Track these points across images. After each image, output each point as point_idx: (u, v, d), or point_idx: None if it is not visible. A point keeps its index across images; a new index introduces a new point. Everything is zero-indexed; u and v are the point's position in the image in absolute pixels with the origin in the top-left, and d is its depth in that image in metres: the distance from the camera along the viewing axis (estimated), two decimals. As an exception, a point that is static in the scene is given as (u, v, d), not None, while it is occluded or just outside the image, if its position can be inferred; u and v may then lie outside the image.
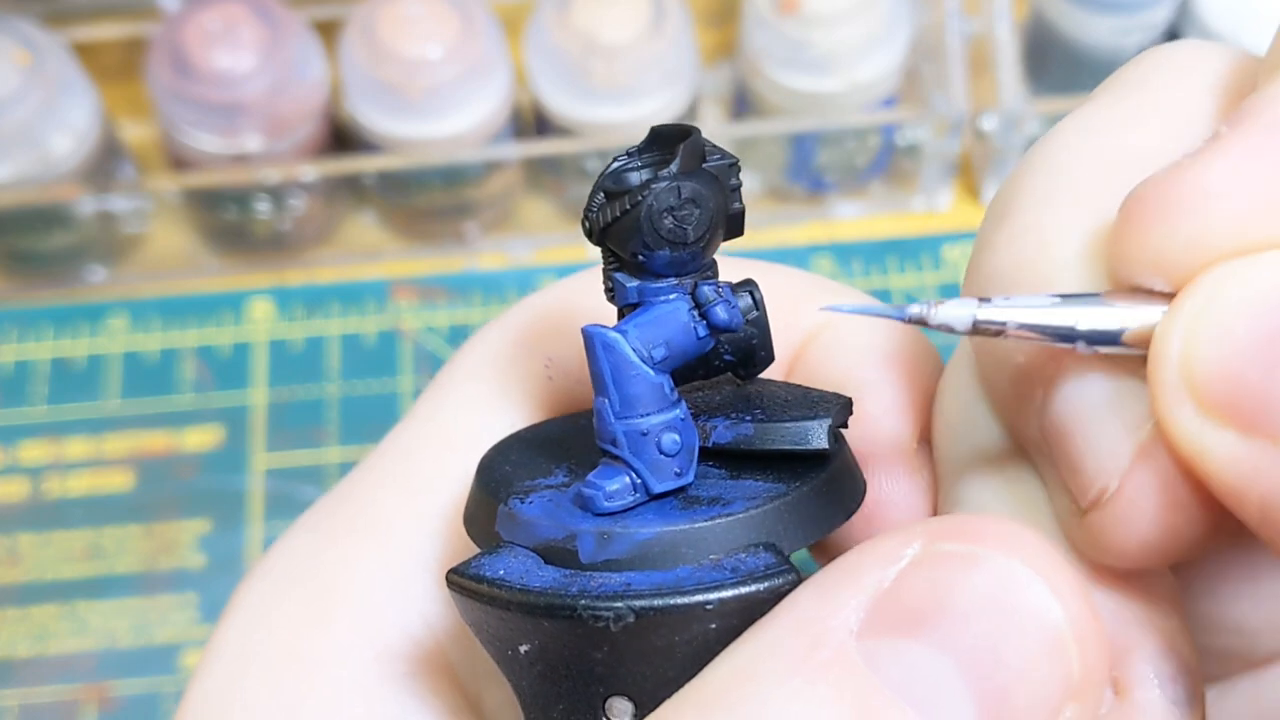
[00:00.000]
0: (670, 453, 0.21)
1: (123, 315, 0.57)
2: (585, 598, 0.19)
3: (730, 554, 0.20)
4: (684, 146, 0.21)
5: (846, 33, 0.54)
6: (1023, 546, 0.19)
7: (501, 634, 0.20)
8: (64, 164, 0.54)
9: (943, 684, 0.18)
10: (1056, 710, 0.18)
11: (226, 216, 0.57)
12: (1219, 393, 0.19)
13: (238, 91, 0.53)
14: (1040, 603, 0.18)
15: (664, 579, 0.20)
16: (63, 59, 0.55)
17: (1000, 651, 0.18)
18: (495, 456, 0.23)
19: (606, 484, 0.21)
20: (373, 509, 0.25)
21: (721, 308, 0.21)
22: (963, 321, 0.20)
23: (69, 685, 0.50)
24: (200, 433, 0.54)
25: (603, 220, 0.21)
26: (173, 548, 0.52)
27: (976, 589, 0.18)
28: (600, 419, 0.21)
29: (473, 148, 0.55)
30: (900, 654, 0.18)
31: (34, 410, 0.55)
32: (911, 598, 0.18)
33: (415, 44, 0.54)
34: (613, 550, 0.20)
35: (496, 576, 0.20)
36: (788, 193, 0.60)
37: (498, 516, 0.21)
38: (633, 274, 0.21)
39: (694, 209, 0.21)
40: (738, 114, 0.60)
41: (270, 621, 0.24)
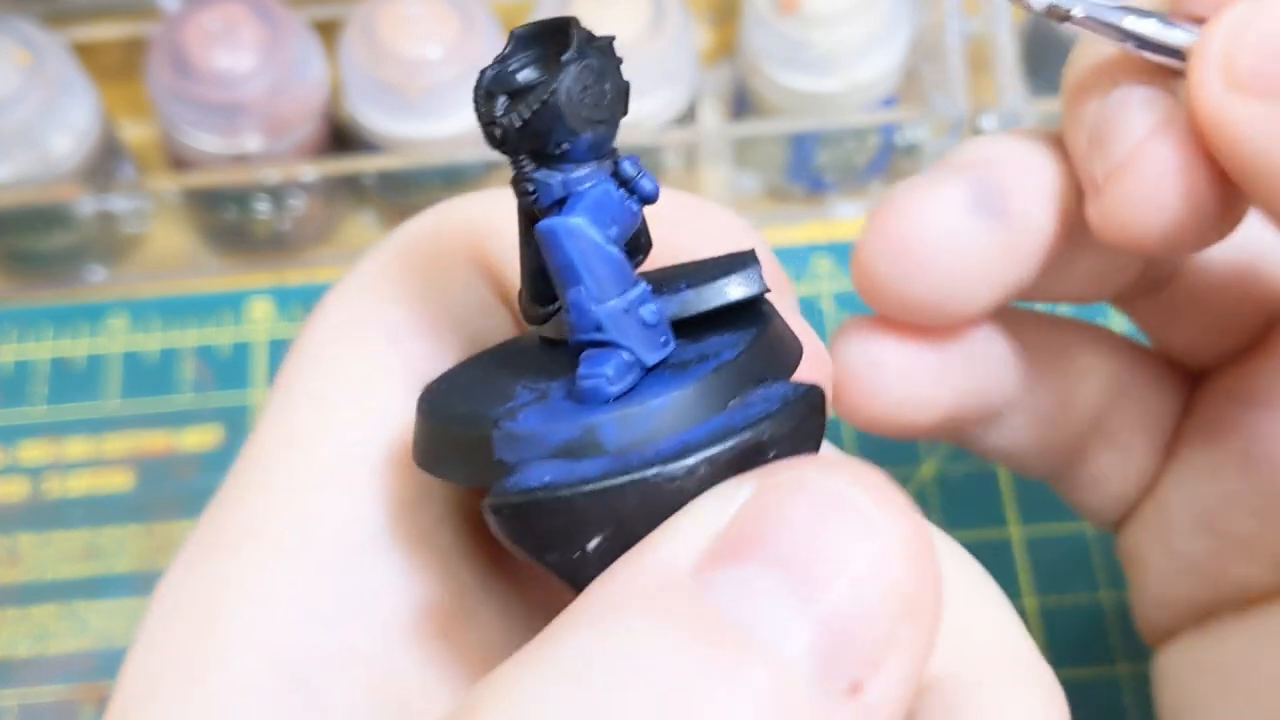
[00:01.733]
0: (652, 323, 0.21)
1: (123, 315, 0.57)
2: (655, 465, 0.19)
3: (744, 394, 0.21)
4: (575, 30, 0.21)
5: (846, 33, 0.54)
6: (850, 469, 0.19)
7: (566, 538, 0.20)
8: (64, 164, 0.54)
9: (777, 603, 0.18)
10: (892, 628, 0.18)
11: (226, 216, 0.57)
12: (1249, 67, 0.23)
13: (238, 91, 0.53)
14: (865, 516, 0.19)
15: (709, 430, 0.20)
16: (63, 59, 0.55)
17: (830, 568, 0.18)
18: (434, 401, 0.23)
19: (603, 369, 0.21)
20: (251, 518, 0.24)
21: (646, 180, 0.22)
22: (1039, 2, 0.26)
23: (69, 685, 0.50)
24: (200, 433, 0.54)
25: (519, 120, 0.20)
26: (173, 548, 0.52)
27: (801, 507, 0.18)
28: (578, 310, 0.21)
29: (473, 148, 0.55)
30: (733, 580, 0.18)
31: (34, 410, 0.55)
32: (743, 527, 0.19)
33: (415, 44, 0.54)
34: (637, 428, 0.20)
35: (546, 483, 0.19)
36: (787, 193, 0.60)
37: (494, 443, 0.20)
38: (553, 168, 0.21)
39: (605, 83, 0.21)
40: (737, 114, 0.60)
41: (160, 652, 0.23)
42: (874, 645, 0.18)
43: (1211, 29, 0.24)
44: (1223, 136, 0.23)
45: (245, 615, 0.23)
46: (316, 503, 0.24)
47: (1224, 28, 0.24)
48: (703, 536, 0.19)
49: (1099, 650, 0.50)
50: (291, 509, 0.24)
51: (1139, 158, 0.24)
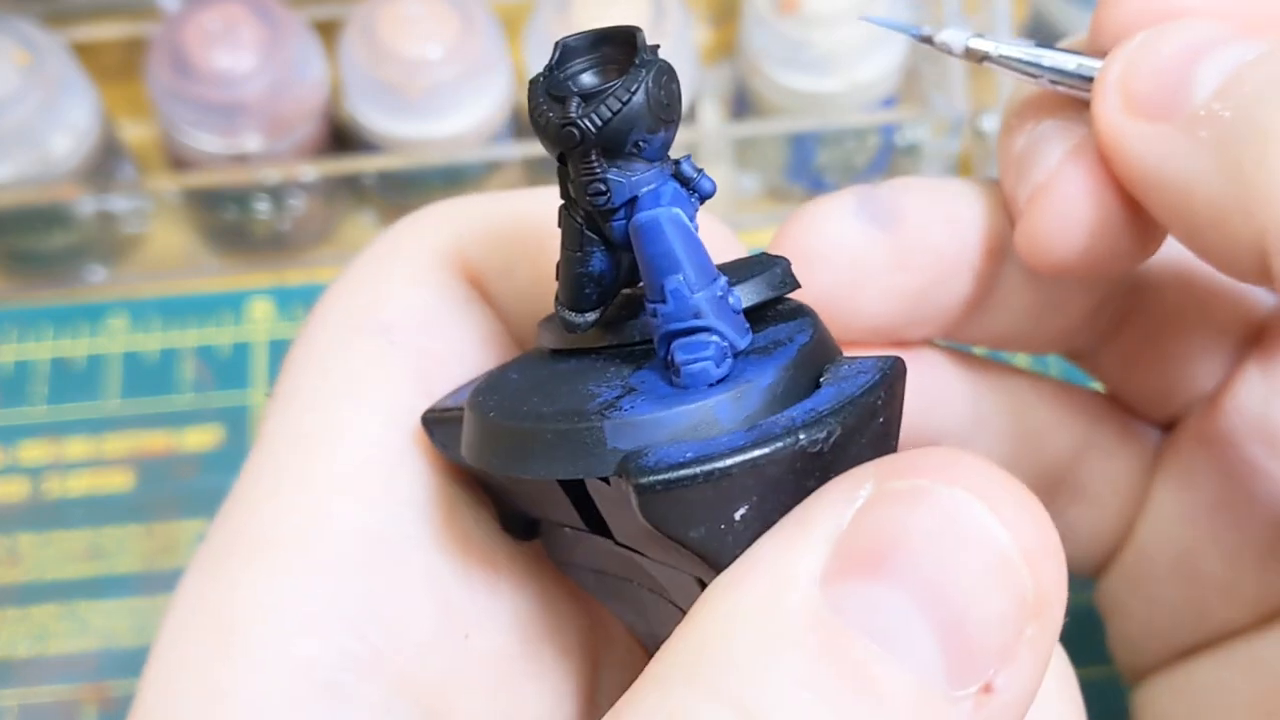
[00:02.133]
0: (738, 309, 0.22)
1: (123, 315, 0.57)
2: (795, 432, 0.20)
3: (833, 369, 0.22)
4: (640, 36, 0.21)
5: (846, 33, 0.54)
6: (966, 474, 0.19)
7: (715, 510, 0.20)
8: (64, 164, 0.54)
9: (904, 620, 0.19)
10: (1017, 631, 0.19)
11: (226, 216, 0.57)
12: (1140, 93, 0.25)
13: (238, 91, 0.53)
14: (984, 527, 0.19)
15: (828, 399, 0.21)
16: (63, 59, 0.55)
17: (951, 580, 0.19)
18: (499, 406, 0.23)
19: (704, 353, 0.21)
20: (265, 524, 0.24)
21: (705, 179, 0.22)
22: (958, 44, 0.27)
23: (69, 685, 0.50)
24: (200, 433, 0.54)
25: (600, 119, 0.21)
26: (173, 548, 0.52)
27: (924, 523, 0.19)
28: (677, 298, 0.21)
29: (473, 148, 0.55)
30: (862, 595, 0.19)
31: (34, 410, 0.55)
32: (867, 539, 0.19)
33: (415, 44, 0.54)
34: (749, 405, 0.21)
35: (690, 458, 0.20)
36: (787, 193, 0.60)
37: (606, 433, 0.21)
38: (623, 168, 0.21)
39: (674, 85, 0.21)
40: (737, 114, 0.60)
41: (178, 667, 0.23)
42: (1002, 646, 0.19)
43: (1111, 58, 0.26)
44: (1121, 158, 0.25)
45: (266, 624, 0.23)
46: (330, 506, 0.24)
47: (1121, 56, 0.25)
48: (827, 539, 0.19)
49: (1099, 650, 0.50)
50: (305, 513, 0.24)
51: (1053, 181, 0.26)
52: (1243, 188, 0.23)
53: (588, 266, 0.23)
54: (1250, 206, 0.22)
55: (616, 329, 0.23)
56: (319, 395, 0.25)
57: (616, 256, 0.23)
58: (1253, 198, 0.22)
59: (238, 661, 0.22)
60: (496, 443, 0.22)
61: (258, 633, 0.23)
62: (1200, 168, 0.23)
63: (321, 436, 0.24)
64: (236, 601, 0.23)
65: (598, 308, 0.23)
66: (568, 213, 0.23)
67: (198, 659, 0.23)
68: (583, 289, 0.23)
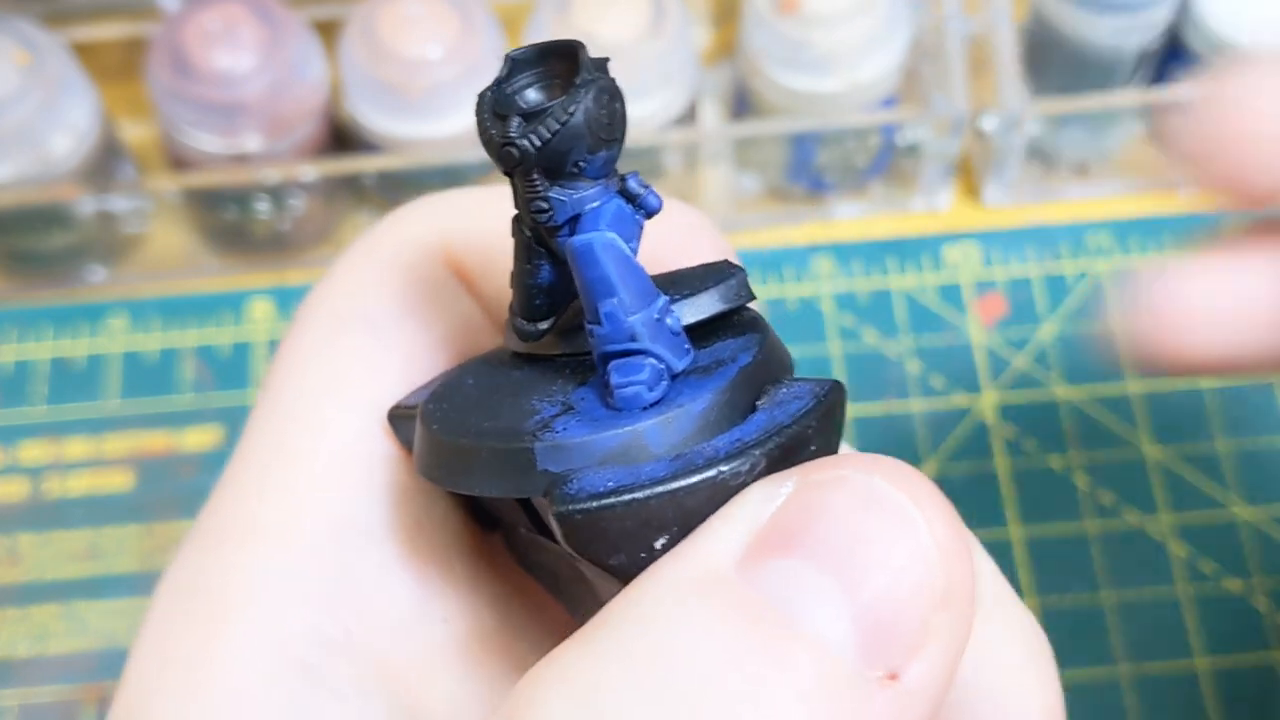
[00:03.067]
0: (677, 330, 0.22)
1: (122, 315, 0.57)
2: (716, 464, 0.20)
3: (772, 392, 0.22)
4: (582, 52, 0.21)
5: (846, 33, 0.54)
6: (887, 468, 0.20)
7: (635, 539, 0.20)
8: (64, 164, 0.54)
9: (817, 591, 0.19)
10: (927, 617, 0.19)
11: (226, 216, 0.57)
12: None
13: (238, 91, 0.53)
14: (902, 509, 0.19)
15: (757, 427, 0.21)
16: (62, 59, 0.55)
17: (870, 559, 0.19)
18: (443, 418, 0.23)
19: (638, 376, 0.21)
20: (249, 510, 0.24)
21: (652, 195, 0.22)
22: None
23: (69, 685, 0.50)
24: (200, 433, 0.54)
25: (538, 140, 0.21)
26: (173, 548, 0.52)
27: (843, 504, 0.19)
28: (612, 322, 0.21)
29: (472, 148, 0.55)
30: (777, 571, 0.19)
31: (33, 410, 0.55)
32: (786, 522, 0.19)
33: (415, 44, 0.54)
34: (680, 431, 0.21)
35: (610, 488, 0.20)
36: (787, 193, 0.60)
37: (537, 455, 0.21)
38: (566, 187, 0.22)
39: (617, 104, 0.21)
40: (737, 114, 0.60)
41: (164, 644, 0.24)
42: (911, 635, 0.19)
43: None
44: None
45: (248, 605, 0.23)
46: (311, 494, 0.24)
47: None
48: (747, 530, 0.20)
49: (1099, 650, 0.50)
50: (286, 501, 0.24)
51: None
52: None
53: (537, 279, 0.23)
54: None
55: (570, 338, 0.23)
56: (304, 387, 0.25)
57: (565, 268, 0.23)
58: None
59: (218, 639, 0.23)
60: (438, 456, 0.23)
61: (237, 613, 0.23)
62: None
63: (305, 428, 0.25)
64: (218, 584, 0.24)
65: (548, 317, 0.23)
66: (518, 225, 0.23)
67: (180, 638, 0.23)
68: (532, 300, 0.23)
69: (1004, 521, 0.52)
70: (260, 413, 0.26)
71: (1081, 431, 0.54)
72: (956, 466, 0.53)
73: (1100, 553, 0.51)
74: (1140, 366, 0.25)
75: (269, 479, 0.25)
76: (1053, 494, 0.53)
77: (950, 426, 0.54)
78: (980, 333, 0.56)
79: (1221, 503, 0.52)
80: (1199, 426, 0.54)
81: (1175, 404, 0.54)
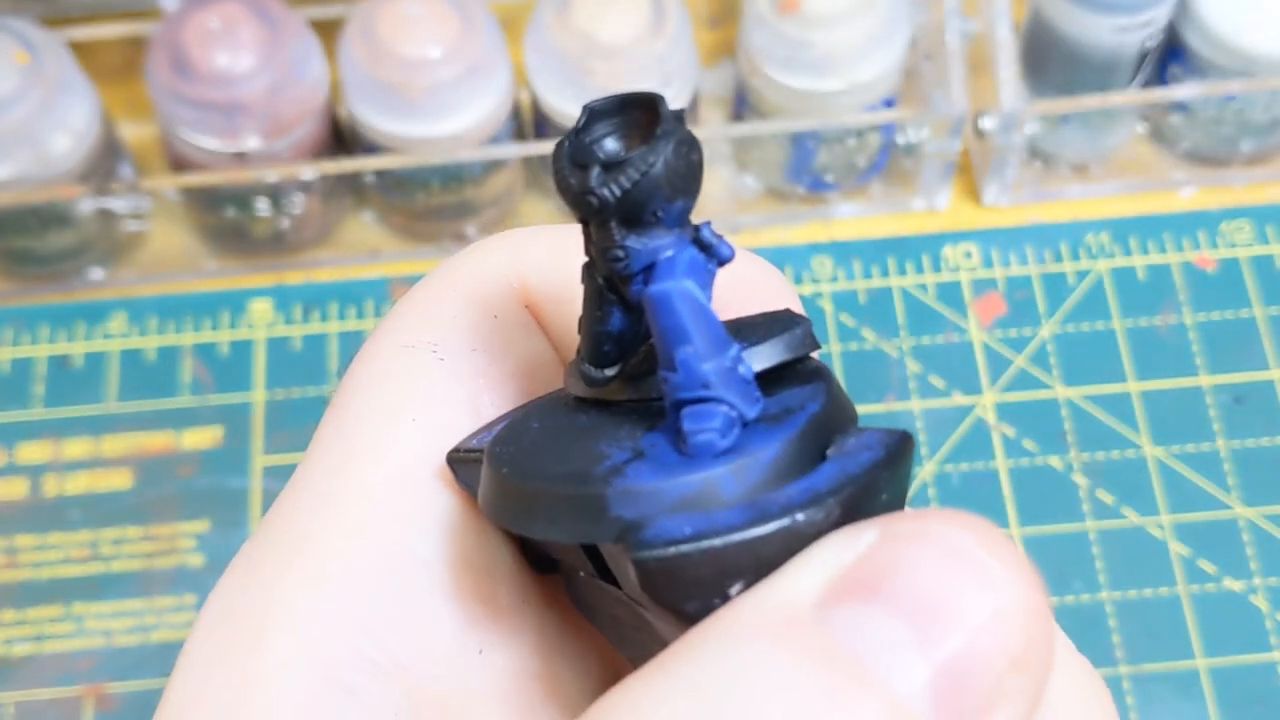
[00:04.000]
0: (748, 379, 0.22)
1: (122, 315, 0.57)
2: (791, 512, 0.20)
3: (840, 441, 0.22)
4: (662, 104, 0.21)
5: (846, 33, 0.54)
6: (973, 524, 0.20)
7: (710, 586, 0.20)
8: (63, 164, 0.54)
9: (895, 642, 0.19)
10: (1003, 678, 0.19)
11: (226, 216, 0.57)
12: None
13: (237, 91, 0.53)
14: (986, 566, 0.19)
15: (829, 476, 0.21)
16: (62, 58, 0.55)
17: (949, 615, 0.19)
18: (512, 460, 0.23)
19: (711, 423, 0.21)
20: (302, 534, 0.24)
21: (724, 245, 0.22)
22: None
23: (67, 685, 0.50)
24: (200, 433, 0.54)
25: (618, 189, 0.21)
26: (172, 548, 0.52)
27: (928, 558, 0.19)
28: (687, 369, 0.21)
29: (473, 148, 0.55)
30: (855, 617, 0.19)
31: (32, 410, 0.55)
32: (868, 570, 0.19)
33: (415, 44, 0.54)
34: (751, 478, 0.21)
35: (688, 534, 0.20)
36: (788, 193, 0.60)
37: (609, 500, 0.21)
38: (642, 235, 0.22)
39: (695, 155, 0.22)
40: (738, 114, 0.60)
41: (209, 660, 0.24)
42: (986, 694, 0.19)
43: None
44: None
45: (292, 626, 0.23)
46: (366, 519, 0.24)
47: None
48: (826, 575, 0.19)
49: (1100, 650, 0.50)
50: (343, 525, 0.24)
51: None
52: None
53: (607, 325, 0.23)
54: None
55: (637, 384, 0.24)
56: (367, 410, 0.25)
57: (636, 316, 0.23)
58: None
59: (265, 659, 0.23)
60: (507, 499, 0.23)
61: (286, 634, 0.23)
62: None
63: (366, 451, 0.25)
64: (269, 604, 0.24)
65: (616, 363, 0.23)
66: (589, 272, 0.23)
67: (227, 655, 0.23)
68: (601, 346, 0.23)
69: (1005, 522, 0.52)
70: (322, 433, 0.26)
71: (1081, 431, 0.54)
72: (956, 466, 0.53)
73: (1100, 553, 0.51)
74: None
75: (324, 500, 0.25)
76: (1053, 494, 0.53)
77: (950, 426, 0.54)
78: (980, 332, 0.56)
79: (1222, 503, 0.52)
80: (1199, 426, 0.54)
81: (1175, 404, 0.54)
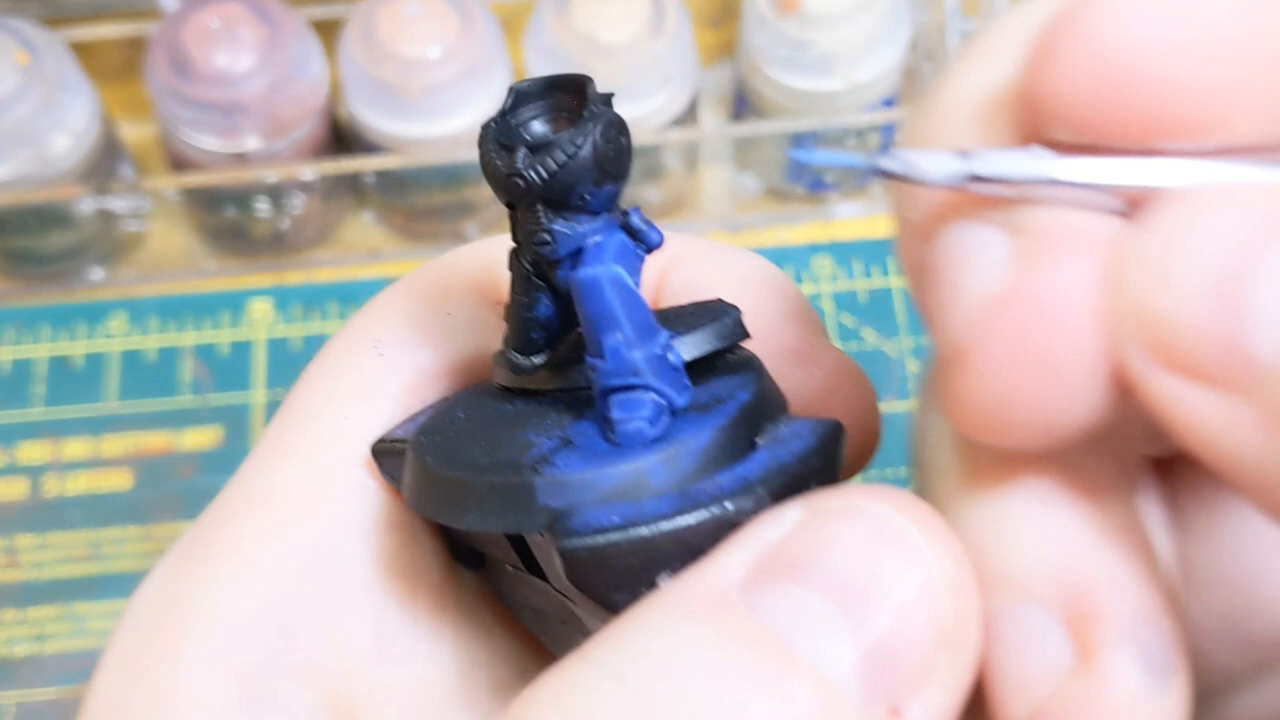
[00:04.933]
0: (678, 367, 0.22)
1: (121, 315, 0.57)
2: (721, 500, 0.20)
3: (771, 430, 0.21)
4: (590, 86, 0.21)
5: (846, 33, 0.54)
6: (897, 498, 0.19)
7: (638, 575, 0.20)
8: (63, 163, 0.54)
9: (823, 622, 0.18)
10: (931, 656, 0.19)
11: (226, 216, 0.57)
12: (1183, 349, 0.17)
13: (237, 91, 0.53)
14: (911, 541, 0.19)
15: (760, 464, 0.21)
16: (62, 58, 0.55)
17: (875, 591, 0.18)
18: (436, 451, 0.23)
19: (640, 412, 0.21)
20: (228, 531, 0.25)
21: (654, 231, 0.22)
22: (950, 174, 0.18)
23: (67, 685, 0.50)
24: (200, 433, 0.54)
25: (545, 172, 0.21)
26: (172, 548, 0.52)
27: (852, 533, 0.19)
28: (615, 356, 0.21)
29: (472, 148, 0.55)
30: (781, 597, 0.19)
31: (33, 410, 0.55)
32: (793, 549, 0.19)
33: (414, 44, 0.54)
34: (681, 467, 0.21)
35: (616, 523, 0.20)
36: (788, 193, 0.60)
37: (538, 490, 0.21)
38: (569, 220, 0.21)
39: (624, 139, 0.21)
40: (737, 114, 0.60)
41: (127, 666, 0.24)
42: (915, 672, 0.19)
43: (1125, 271, 0.17)
44: (1183, 429, 0.17)
45: (212, 629, 0.23)
46: (290, 519, 0.24)
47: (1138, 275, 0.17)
48: (752, 556, 0.19)
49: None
50: (264, 525, 0.24)
51: (982, 346, 0.18)
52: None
53: (534, 312, 0.23)
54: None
55: (563, 373, 0.23)
56: (302, 409, 0.25)
57: (563, 303, 0.23)
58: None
59: (180, 665, 0.23)
60: (433, 489, 0.22)
61: (201, 637, 0.23)
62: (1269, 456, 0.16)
63: (294, 448, 0.25)
64: (184, 604, 0.24)
65: (543, 351, 0.23)
66: (516, 258, 0.23)
67: (144, 661, 0.23)
68: (528, 333, 0.23)
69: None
70: (266, 432, 0.26)
71: (1081, 432, 0.54)
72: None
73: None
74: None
75: (249, 499, 0.25)
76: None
77: (950, 427, 0.54)
78: (980, 333, 0.56)
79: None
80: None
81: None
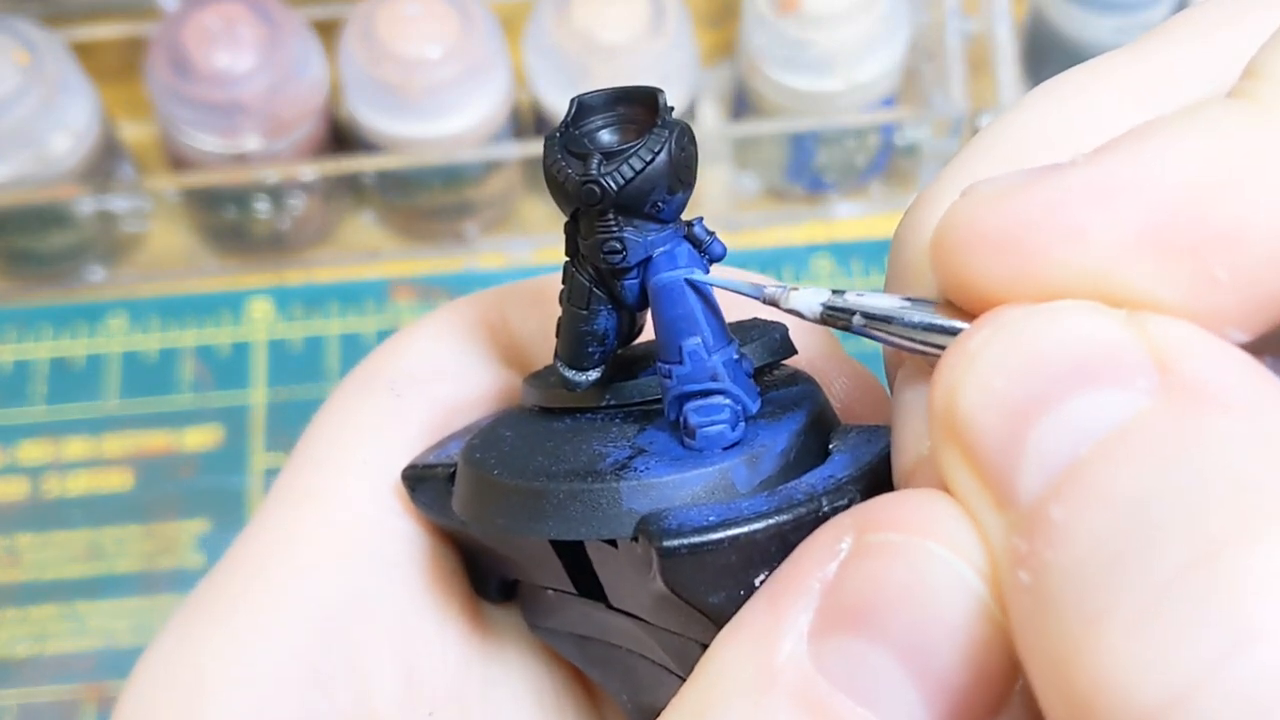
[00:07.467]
0: (749, 373, 0.22)
1: (122, 315, 0.57)
2: (818, 499, 0.20)
3: (843, 435, 0.21)
4: (661, 96, 0.21)
5: (846, 33, 0.54)
6: (935, 525, 0.18)
7: (736, 575, 0.20)
8: (63, 163, 0.54)
9: (887, 677, 0.18)
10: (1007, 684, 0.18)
11: (226, 216, 0.57)
12: (969, 443, 0.18)
13: (237, 91, 0.53)
14: (958, 583, 0.18)
15: (845, 465, 0.21)
16: (62, 58, 0.55)
17: (931, 637, 0.18)
18: (500, 464, 0.22)
19: (719, 416, 0.21)
20: (250, 586, 0.24)
21: (717, 243, 0.22)
22: (812, 309, 0.20)
23: (68, 685, 0.50)
24: (200, 432, 0.54)
25: (621, 178, 0.21)
26: (172, 548, 0.52)
27: (900, 579, 0.18)
28: (695, 360, 0.21)
29: (472, 148, 0.55)
30: (845, 653, 0.18)
31: (33, 410, 0.55)
32: (849, 594, 0.19)
33: (414, 44, 0.54)
34: (764, 469, 0.21)
35: (711, 523, 0.20)
36: (787, 193, 0.60)
37: (622, 494, 0.21)
38: (638, 229, 0.21)
39: (694, 148, 0.21)
40: (737, 114, 0.60)
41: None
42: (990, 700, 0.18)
43: (943, 363, 0.18)
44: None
45: (236, 684, 0.23)
46: (312, 567, 0.24)
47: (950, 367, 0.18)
48: (811, 596, 0.19)
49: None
50: (286, 573, 0.24)
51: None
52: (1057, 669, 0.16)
53: (593, 325, 0.22)
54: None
55: (615, 389, 0.23)
56: (317, 453, 0.25)
57: (622, 316, 0.22)
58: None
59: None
60: (502, 502, 0.22)
61: (226, 694, 0.23)
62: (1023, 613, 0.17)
63: (314, 496, 0.25)
64: (206, 662, 0.23)
65: (599, 366, 0.23)
66: (575, 270, 0.22)
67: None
68: (585, 347, 0.23)
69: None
70: (279, 481, 0.25)
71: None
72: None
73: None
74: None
75: (271, 547, 0.24)
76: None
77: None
78: (980, 333, 0.56)
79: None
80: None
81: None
